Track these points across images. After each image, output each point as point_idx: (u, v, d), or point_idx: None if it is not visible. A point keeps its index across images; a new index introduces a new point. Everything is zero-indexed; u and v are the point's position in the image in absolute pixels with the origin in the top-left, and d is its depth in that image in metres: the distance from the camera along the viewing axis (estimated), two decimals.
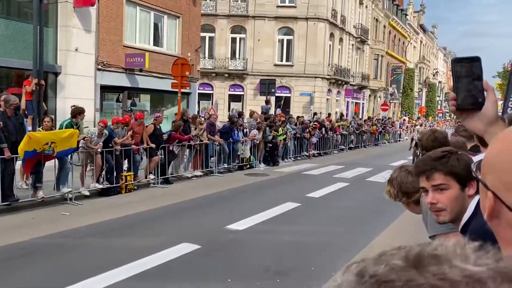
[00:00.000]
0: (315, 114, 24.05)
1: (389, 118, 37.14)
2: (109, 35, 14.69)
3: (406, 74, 50.81)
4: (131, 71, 15.57)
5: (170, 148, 11.46)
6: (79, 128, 9.30)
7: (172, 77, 14.67)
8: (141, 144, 10.71)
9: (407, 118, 41.88)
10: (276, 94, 25.13)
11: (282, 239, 6.73)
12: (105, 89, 15.26)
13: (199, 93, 25.42)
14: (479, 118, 1.25)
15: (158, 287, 4.96)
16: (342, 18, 33.63)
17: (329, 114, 26.94)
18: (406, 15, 53.61)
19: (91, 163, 9.57)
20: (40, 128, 9.03)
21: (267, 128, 15.42)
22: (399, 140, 33.09)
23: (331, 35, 32.23)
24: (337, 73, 33.16)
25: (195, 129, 12.86)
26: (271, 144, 15.44)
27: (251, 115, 16.22)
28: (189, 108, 18.21)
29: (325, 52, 31.01)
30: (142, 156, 11.07)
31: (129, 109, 12.95)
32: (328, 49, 31.56)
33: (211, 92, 31.27)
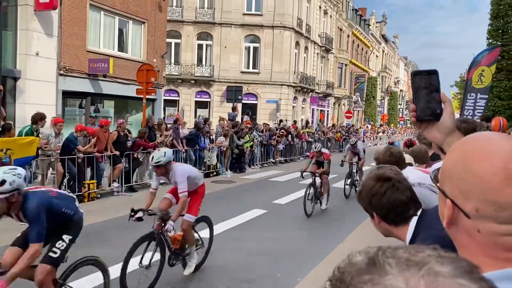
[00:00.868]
0: (281, 121, 24.28)
1: (353, 126, 37.97)
2: (72, 40, 14.34)
3: (369, 83, 52.13)
4: (95, 76, 15.24)
5: (135, 155, 11.28)
6: (39, 135, 9.02)
7: (137, 83, 14.47)
8: (105, 152, 10.49)
9: (370, 126, 42.88)
10: (243, 101, 25.21)
11: (249, 246, 6.75)
12: (67, 95, 14.85)
13: (164, 100, 25.13)
14: (437, 129, 1.32)
15: None
16: (307, 27, 34.22)
17: (295, 122, 27.28)
18: (368, 25, 55.15)
19: (52, 170, 9.29)
20: None
21: (234, 135, 15.44)
22: None
23: (297, 44, 32.72)
24: (303, 81, 33.67)
25: (161, 135, 12.72)
26: (238, 151, 15.46)
27: (220, 121, 16.19)
28: (155, 114, 17.98)
29: (291, 60, 31.44)
30: (105, 163, 10.84)
31: (93, 115, 12.64)
32: (293, 57, 32.02)
33: (177, 98, 31.02)
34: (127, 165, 10.98)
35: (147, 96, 14.45)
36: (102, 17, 15.94)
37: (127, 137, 11.43)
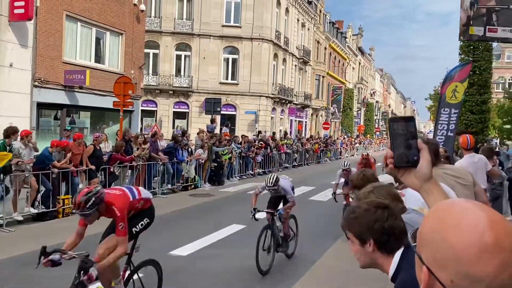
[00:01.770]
0: (260, 132, 24.35)
1: (330, 137, 38.39)
2: (47, 51, 14.11)
3: (346, 94, 52.92)
4: (71, 88, 15.01)
5: (111, 170, 11.11)
6: (12, 150, 8.79)
7: (114, 95, 14.31)
8: (80, 166, 10.30)
9: (347, 137, 43.44)
10: (222, 112, 25.19)
11: (227, 264, 6.71)
12: (42, 106, 14.57)
13: (142, 110, 24.94)
14: (415, 175, 1.34)
15: None
16: (285, 39, 34.60)
17: (274, 133, 27.41)
18: (345, 38, 56.12)
19: (25, 186, 9.06)
20: None
21: (213, 146, 15.40)
22: (340, 158, 34.22)
23: (275, 56, 33.02)
24: (281, 92, 33.94)
25: (137, 149, 12.58)
26: (216, 164, 15.41)
27: (199, 133, 16.10)
28: (132, 126, 17.80)
29: (269, 71, 31.69)
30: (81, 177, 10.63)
31: (68, 127, 12.41)
32: (272, 69, 32.28)
33: (155, 109, 30.80)
34: (103, 179, 10.80)
35: (124, 109, 14.30)
36: (79, 28, 15.75)
37: (102, 152, 11.26)
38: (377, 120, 73.35)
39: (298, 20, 37.93)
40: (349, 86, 56.61)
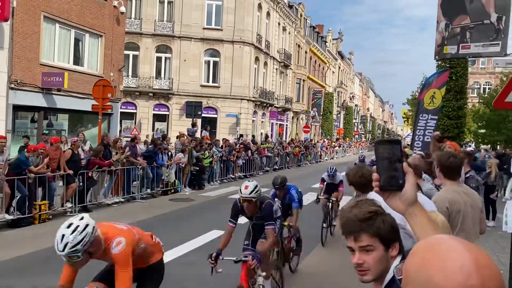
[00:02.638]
0: (241, 135, 24.35)
1: (311, 140, 38.66)
2: (24, 53, 13.81)
3: (326, 98, 53.38)
4: (49, 90, 14.73)
5: (89, 174, 10.94)
6: None
7: (93, 98, 14.11)
8: (58, 170, 10.11)
9: (327, 140, 43.82)
10: (203, 115, 25.07)
11: (208, 271, 6.66)
12: (18, 109, 14.26)
13: (121, 112, 24.62)
14: (400, 199, 1.35)
15: None
16: (266, 43, 34.72)
17: (253, 136, 27.44)
18: (325, 42, 56.64)
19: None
20: None
21: (193, 150, 15.31)
22: (320, 161, 34.47)
23: (256, 59, 33.09)
24: (262, 95, 34.03)
25: (116, 153, 12.42)
26: (197, 168, 15.32)
27: (179, 137, 16.00)
28: (111, 129, 17.58)
29: (251, 74, 31.74)
30: (58, 182, 10.44)
31: (46, 131, 12.18)
32: (253, 72, 32.34)
33: (134, 111, 30.46)
34: (81, 184, 10.62)
35: (103, 112, 14.11)
36: (57, 29, 15.48)
37: (80, 156, 11.08)
38: (356, 124, 74.21)
39: (279, 23, 38.12)
40: (329, 90, 57.14)
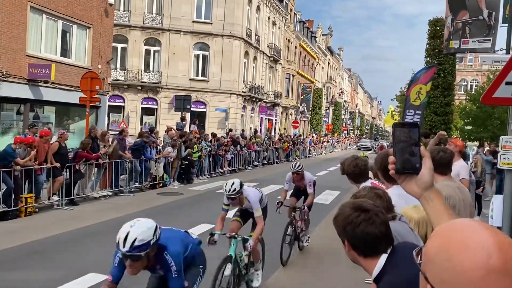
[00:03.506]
0: (230, 130, 24.30)
1: (300, 135, 38.76)
2: (10, 43, 13.57)
3: (315, 94, 53.53)
4: (35, 82, 14.51)
5: (77, 167, 10.82)
6: None
7: (81, 90, 13.94)
8: (45, 163, 9.98)
9: (315, 136, 43.98)
10: (192, 109, 24.96)
11: None
12: (4, 101, 14.03)
13: (109, 105, 24.39)
14: (416, 183, 1.33)
15: None
16: (256, 37, 34.63)
17: (243, 131, 27.43)
18: (315, 37, 56.70)
19: None
20: None
21: (182, 145, 15.24)
22: (309, 156, 34.61)
23: (246, 53, 33.00)
24: (252, 90, 33.97)
25: (104, 146, 12.31)
26: (186, 162, 15.26)
27: (168, 131, 15.90)
28: (99, 122, 17.40)
29: (240, 69, 31.64)
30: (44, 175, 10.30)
31: (35, 124, 12.00)
32: (243, 67, 32.24)
33: (122, 104, 30.21)
34: (68, 177, 10.51)
35: (90, 104, 13.96)
36: (44, 20, 15.23)
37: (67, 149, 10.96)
38: (344, 119, 74.61)
39: (269, 18, 38.03)
40: (318, 85, 57.28)
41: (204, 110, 30.83)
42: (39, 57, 14.83)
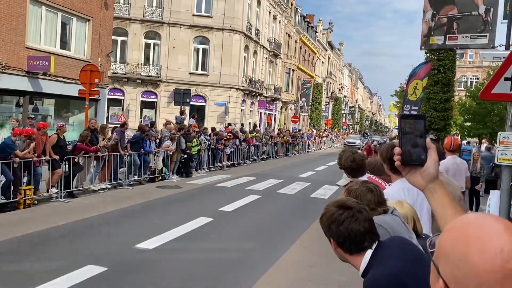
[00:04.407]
0: (230, 124, 24.31)
1: (299, 130, 38.76)
2: (9, 35, 13.53)
3: (315, 89, 53.42)
4: (34, 74, 14.49)
5: (76, 160, 10.83)
6: None
7: (80, 83, 13.92)
8: (43, 156, 9.99)
9: (315, 131, 43.96)
10: (191, 103, 24.93)
11: (194, 257, 6.70)
12: (3, 93, 14.02)
13: (109, 98, 24.38)
14: (420, 174, 1.33)
15: None
16: (256, 31, 34.53)
17: (242, 125, 27.42)
18: (316, 32, 56.53)
19: None
20: None
21: (182, 138, 15.24)
22: (308, 151, 34.64)
23: (246, 47, 32.91)
24: (251, 84, 33.91)
25: (103, 139, 12.31)
26: (186, 155, 15.27)
27: (166, 124, 15.90)
28: (98, 115, 17.39)
29: (240, 63, 31.57)
30: (43, 166, 10.31)
31: (32, 115, 12.00)
32: (242, 61, 32.17)
33: (122, 97, 30.17)
34: (67, 170, 10.52)
35: (90, 97, 13.94)
36: (43, 12, 15.18)
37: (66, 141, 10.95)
38: (344, 115, 74.55)
39: (269, 12, 37.90)
40: (318, 80, 57.18)
41: (204, 104, 30.79)
42: (38, 49, 14.80)
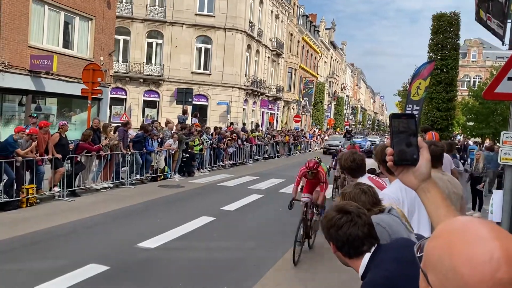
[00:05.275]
0: (232, 124, 24.30)
1: (301, 130, 38.72)
2: (12, 34, 13.56)
3: (317, 88, 53.36)
4: (37, 73, 14.51)
5: (78, 159, 10.84)
6: None
7: (83, 82, 13.94)
8: (46, 154, 10.00)
9: (317, 130, 43.90)
10: (193, 102, 24.94)
11: (196, 256, 6.70)
12: (6, 92, 14.05)
13: (111, 98, 24.39)
14: (413, 174, 1.32)
15: None
16: (259, 31, 34.50)
17: (244, 124, 27.40)
18: (318, 31, 56.45)
19: None
20: None
21: (184, 137, 15.25)
22: (310, 150, 34.60)
23: (248, 47, 32.90)
24: (254, 84, 33.91)
25: (105, 138, 12.32)
26: (188, 155, 15.28)
27: (167, 124, 15.91)
28: (101, 114, 17.43)
29: (242, 62, 31.56)
30: (46, 165, 10.33)
31: (34, 114, 12.02)
32: (245, 60, 32.16)
33: (124, 97, 30.20)
34: (69, 169, 10.53)
35: (92, 96, 13.96)
36: (46, 11, 15.21)
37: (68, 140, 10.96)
38: (346, 114, 74.44)
39: (272, 11, 37.87)
40: (321, 79, 57.11)
41: (206, 103, 30.80)
42: (41, 48, 14.83)
